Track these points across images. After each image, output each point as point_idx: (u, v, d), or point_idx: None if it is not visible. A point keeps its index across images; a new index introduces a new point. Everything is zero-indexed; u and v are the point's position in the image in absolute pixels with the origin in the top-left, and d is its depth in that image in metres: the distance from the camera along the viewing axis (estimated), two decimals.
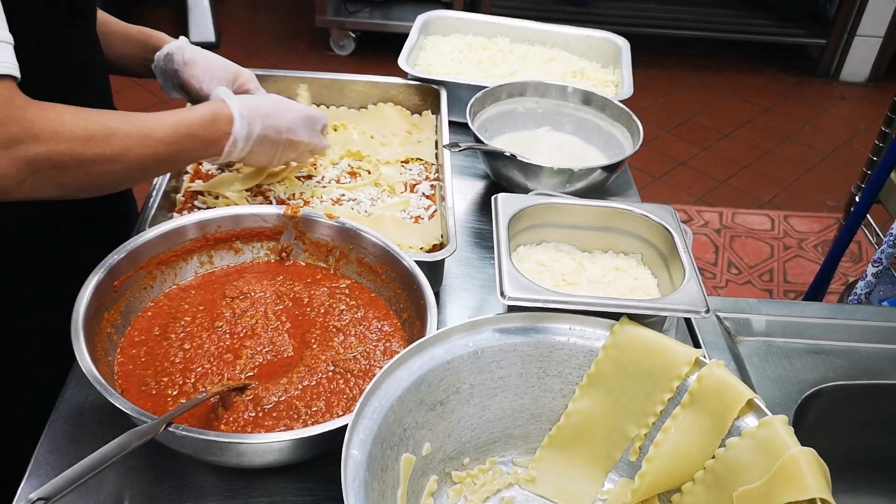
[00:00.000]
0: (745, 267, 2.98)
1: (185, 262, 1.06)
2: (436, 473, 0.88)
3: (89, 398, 0.95)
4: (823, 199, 3.39)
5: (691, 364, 0.87)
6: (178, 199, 1.23)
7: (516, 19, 1.85)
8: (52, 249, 1.13)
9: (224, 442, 0.79)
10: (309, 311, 1.02)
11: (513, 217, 1.06)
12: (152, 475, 0.88)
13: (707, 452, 0.84)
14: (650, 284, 1.09)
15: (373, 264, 1.06)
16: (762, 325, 1.19)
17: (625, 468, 0.91)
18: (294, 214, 1.08)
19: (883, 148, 2.16)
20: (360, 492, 0.71)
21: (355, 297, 1.06)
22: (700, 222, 3.18)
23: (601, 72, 1.76)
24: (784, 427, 0.79)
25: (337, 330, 1.00)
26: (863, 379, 1.12)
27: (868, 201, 2.11)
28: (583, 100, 1.50)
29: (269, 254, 1.11)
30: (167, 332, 0.97)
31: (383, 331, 1.01)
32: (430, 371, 0.86)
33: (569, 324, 0.92)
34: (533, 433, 0.94)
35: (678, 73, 4.27)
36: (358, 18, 4.01)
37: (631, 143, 1.42)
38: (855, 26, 4.15)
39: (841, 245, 2.21)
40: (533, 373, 0.92)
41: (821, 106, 4.10)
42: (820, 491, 0.73)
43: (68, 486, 0.68)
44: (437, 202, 1.30)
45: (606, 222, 1.12)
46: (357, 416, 0.78)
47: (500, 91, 1.48)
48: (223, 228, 1.07)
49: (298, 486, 0.89)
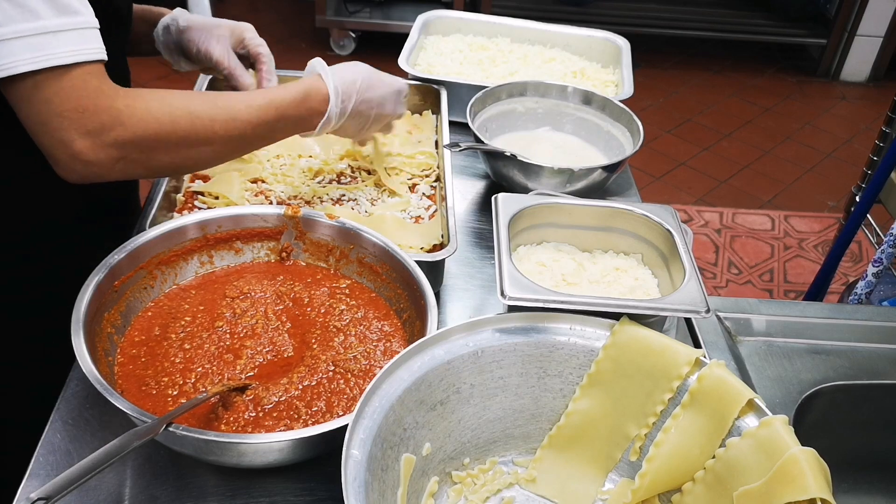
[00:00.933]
0: (746, 267, 2.98)
1: (186, 262, 1.05)
2: (436, 473, 0.88)
3: (89, 398, 0.95)
4: (824, 199, 3.38)
5: (691, 364, 0.87)
6: (179, 199, 1.23)
7: (516, 19, 1.86)
8: (52, 249, 1.13)
9: (224, 442, 0.79)
10: (309, 311, 1.02)
11: (513, 217, 1.06)
12: (152, 475, 0.88)
13: (707, 452, 0.84)
14: (650, 284, 1.09)
15: (373, 264, 1.06)
16: (762, 325, 1.19)
17: (625, 468, 0.91)
18: (294, 214, 1.08)
19: (883, 148, 2.16)
20: (360, 492, 0.71)
21: (355, 297, 1.06)
22: (700, 222, 3.18)
23: (601, 72, 1.76)
24: (784, 427, 0.79)
25: (337, 330, 1.00)
26: (863, 379, 1.12)
27: (868, 201, 2.11)
28: (583, 100, 1.50)
29: (269, 254, 1.11)
30: (167, 331, 0.97)
31: (383, 331, 1.01)
32: (430, 371, 0.86)
33: (569, 324, 0.92)
34: (533, 433, 0.94)
35: (678, 73, 4.26)
36: (358, 18, 4.01)
37: (631, 143, 1.42)
38: (855, 26, 4.15)
39: (841, 245, 2.21)
40: (533, 373, 0.92)
41: (821, 106, 4.10)
42: (820, 491, 0.73)
43: (68, 486, 0.68)
44: (437, 202, 1.30)
45: (606, 222, 1.12)
46: (357, 416, 0.77)
47: (501, 91, 1.48)
48: (223, 228, 1.07)
49: (298, 486, 0.89)
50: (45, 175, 1.10)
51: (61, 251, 1.12)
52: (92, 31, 0.89)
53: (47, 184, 1.10)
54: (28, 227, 1.09)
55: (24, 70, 0.84)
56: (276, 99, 1.05)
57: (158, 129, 0.92)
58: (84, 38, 0.87)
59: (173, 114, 0.94)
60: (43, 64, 0.84)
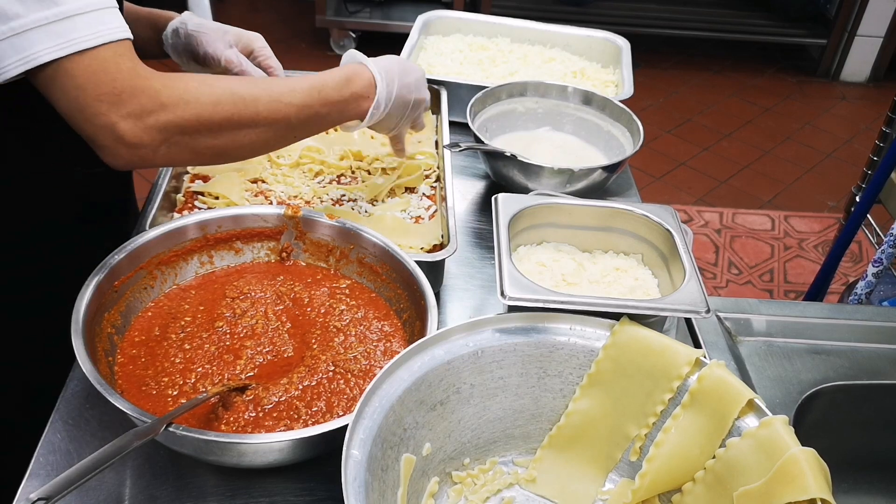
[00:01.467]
0: (746, 267, 2.98)
1: (186, 263, 1.05)
2: (436, 474, 0.88)
3: (89, 398, 0.95)
4: (824, 199, 3.39)
5: (691, 364, 0.87)
6: (179, 199, 1.23)
7: (516, 19, 1.86)
8: (52, 249, 1.13)
9: (224, 442, 0.79)
10: (309, 312, 1.02)
11: (513, 217, 1.06)
12: (152, 475, 0.88)
13: (707, 452, 0.84)
14: (650, 284, 1.09)
15: (373, 264, 1.06)
16: (762, 325, 1.19)
17: (625, 468, 0.91)
18: (294, 214, 1.08)
19: (883, 148, 2.16)
20: (360, 492, 0.71)
21: (355, 298, 1.06)
22: (700, 222, 3.18)
23: (601, 72, 1.76)
24: (784, 427, 0.79)
25: (337, 330, 1.00)
26: (863, 379, 1.12)
27: (868, 201, 2.11)
28: (583, 100, 1.50)
29: (269, 254, 1.11)
30: (167, 332, 0.97)
31: (383, 331, 1.01)
32: (430, 371, 0.86)
33: (569, 324, 0.92)
34: (533, 433, 0.94)
35: (678, 73, 4.27)
36: (358, 18, 4.01)
37: (631, 143, 1.42)
38: (855, 26, 4.15)
39: (841, 245, 2.21)
40: (533, 373, 0.92)
41: (821, 106, 4.10)
42: (820, 491, 0.73)
43: (68, 487, 0.68)
44: (437, 202, 1.30)
45: (607, 222, 1.12)
46: (357, 416, 0.77)
47: (501, 91, 1.48)
48: (223, 228, 1.07)
49: (298, 486, 0.89)
50: (45, 175, 1.10)
51: (61, 251, 1.12)
52: (111, 11, 0.86)
53: (47, 184, 1.11)
54: (28, 227, 1.09)
55: (49, 59, 0.82)
56: (318, 82, 1.03)
57: (201, 110, 0.90)
58: (104, 19, 0.85)
59: (215, 93, 0.91)
60: (67, 50, 0.82)
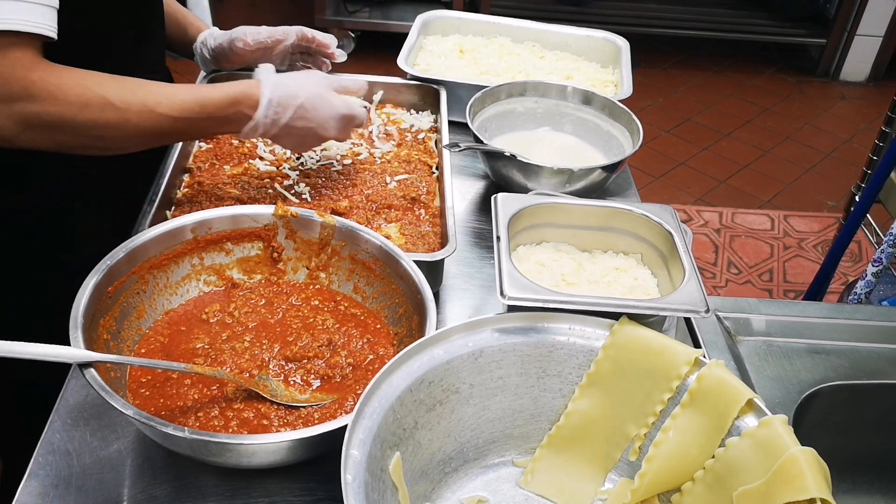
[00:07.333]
0: (745, 267, 2.98)
1: (177, 265, 1.03)
2: (436, 474, 0.88)
3: (89, 398, 0.94)
4: (823, 199, 3.39)
5: (691, 364, 0.87)
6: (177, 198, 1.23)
7: (516, 19, 1.85)
8: (51, 249, 1.13)
9: (224, 442, 0.79)
10: (309, 312, 1.02)
11: (513, 217, 1.06)
12: (152, 475, 0.88)
13: (707, 452, 0.84)
14: (650, 284, 1.09)
15: (371, 264, 1.06)
16: (762, 324, 1.19)
17: (624, 468, 0.91)
18: (285, 214, 1.06)
19: (883, 147, 2.16)
20: (360, 492, 0.71)
21: (354, 298, 1.05)
22: (700, 222, 3.18)
23: (601, 72, 1.76)
24: (784, 427, 0.79)
25: (336, 330, 1.00)
26: (863, 379, 1.12)
27: (868, 201, 2.11)
28: (583, 100, 1.50)
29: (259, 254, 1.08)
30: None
31: (382, 331, 1.01)
32: (429, 371, 0.86)
33: (569, 324, 0.92)
34: (532, 433, 0.94)
35: (678, 73, 4.27)
36: (358, 18, 4.01)
37: (631, 142, 1.42)
38: (855, 26, 4.15)
39: (841, 245, 2.22)
40: (533, 373, 0.92)
41: (821, 106, 4.10)
42: (820, 491, 0.73)
43: None
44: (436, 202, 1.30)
45: (606, 222, 1.12)
46: (357, 417, 0.77)
47: (500, 91, 1.48)
48: (214, 230, 1.04)
49: (298, 486, 0.89)
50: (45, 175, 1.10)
51: (61, 250, 1.12)
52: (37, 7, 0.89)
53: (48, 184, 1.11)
54: (28, 227, 1.09)
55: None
56: (205, 97, 1.05)
57: (65, 110, 0.93)
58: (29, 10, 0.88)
59: (86, 95, 0.94)
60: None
